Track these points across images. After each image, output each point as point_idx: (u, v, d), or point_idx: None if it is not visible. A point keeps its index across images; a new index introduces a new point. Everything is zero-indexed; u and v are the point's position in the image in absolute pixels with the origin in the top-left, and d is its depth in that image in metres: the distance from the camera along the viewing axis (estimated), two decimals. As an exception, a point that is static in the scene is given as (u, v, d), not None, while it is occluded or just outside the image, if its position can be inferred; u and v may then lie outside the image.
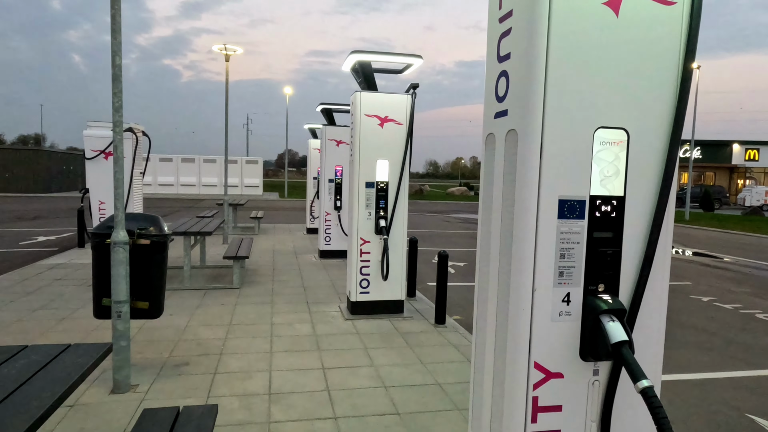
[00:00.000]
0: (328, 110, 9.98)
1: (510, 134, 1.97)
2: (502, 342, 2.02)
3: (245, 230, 14.08)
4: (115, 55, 3.56)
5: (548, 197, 1.85)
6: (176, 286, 7.15)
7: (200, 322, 5.59)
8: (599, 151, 1.90)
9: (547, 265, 1.87)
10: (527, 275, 1.87)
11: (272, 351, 4.76)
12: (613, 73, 1.87)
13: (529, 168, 1.85)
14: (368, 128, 5.82)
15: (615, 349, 1.79)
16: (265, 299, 6.68)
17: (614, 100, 1.88)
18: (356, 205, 5.91)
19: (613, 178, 1.92)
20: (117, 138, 3.65)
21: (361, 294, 6.00)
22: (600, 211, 1.91)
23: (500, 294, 2.04)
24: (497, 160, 2.08)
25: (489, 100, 2.16)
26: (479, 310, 2.25)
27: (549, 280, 1.88)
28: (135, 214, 3.99)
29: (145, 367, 4.27)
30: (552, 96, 1.82)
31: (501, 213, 2.04)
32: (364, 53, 5.66)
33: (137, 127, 11.07)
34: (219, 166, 32.63)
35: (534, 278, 1.87)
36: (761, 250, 14.63)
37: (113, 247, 3.64)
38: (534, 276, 1.87)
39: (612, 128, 1.89)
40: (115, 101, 3.60)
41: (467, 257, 11.25)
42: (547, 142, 1.83)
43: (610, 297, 1.91)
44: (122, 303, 3.69)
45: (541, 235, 1.86)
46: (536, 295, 1.88)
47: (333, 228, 10.05)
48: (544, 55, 1.81)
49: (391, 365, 4.51)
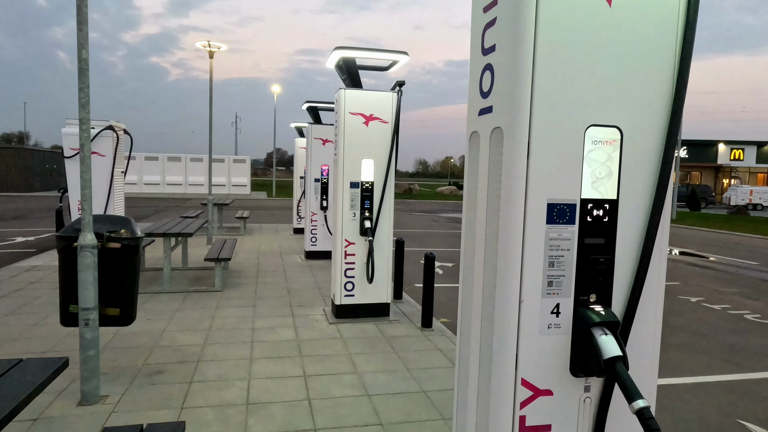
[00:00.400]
0: (314, 108, 9.80)
1: (495, 132, 1.83)
2: (487, 356, 1.87)
3: (230, 230, 13.84)
4: (81, 48, 3.36)
5: (536, 201, 1.71)
6: (156, 289, 6.94)
7: (179, 327, 5.39)
8: (591, 151, 1.76)
9: (534, 274, 1.73)
10: (514, 285, 1.73)
11: (252, 358, 4.59)
12: (606, 67, 1.73)
13: (516, 169, 1.70)
14: (353, 127, 5.66)
15: (608, 365, 1.65)
16: (247, 302, 6.49)
17: (607, 96, 1.74)
18: (340, 206, 5.75)
19: (605, 180, 1.78)
20: (84, 136, 3.45)
21: (345, 297, 5.84)
22: (591, 215, 1.77)
23: (485, 304, 1.90)
24: (482, 160, 1.93)
25: (473, 95, 2.01)
26: (463, 320, 2.11)
27: (537, 290, 1.74)
28: (105, 216, 3.80)
29: (117, 376, 4.08)
30: (540, 91, 1.68)
31: (486, 217, 1.90)
32: (347, 49, 5.50)
33: (118, 125, 10.79)
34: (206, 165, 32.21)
35: (521, 288, 1.73)
36: (747, 249, 14.70)
37: (80, 251, 3.45)
38: (521, 286, 1.73)
39: (604, 126, 1.76)
40: (81, 97, 3.41)
41: (455, 258, 11.14)
42: (535, 141, 1.69)
43: (603, 308, 1.77)
44: (90, 310, 3.50)
45: (528, 242, 1.72)
46: (523, 306, 1.74)
47: (319, 228, 9.88)
48: (532, 47, 1.67)
49: (375, 372, 4.36)
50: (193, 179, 32.95)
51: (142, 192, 31.74)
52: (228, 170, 33.59)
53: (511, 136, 1.71)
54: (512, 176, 1.71)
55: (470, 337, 2.01)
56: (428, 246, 12.81)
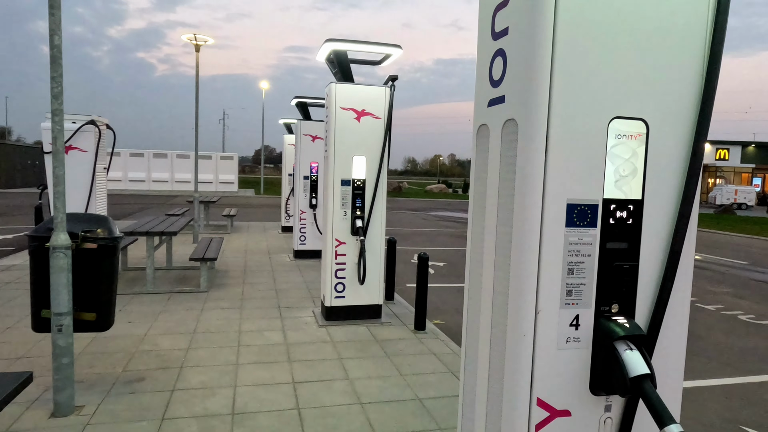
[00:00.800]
0: (303, 104, 9.58)
1: (508, 125, 1.65)
2: (498, 373, 1.70)
3: (217, 229, 13.56)
4: (54, 34, 3.12)
5: (555, 201, 1.54)
6: (138, 289, 6.68)
7: (161, 330, 5.16)
8: (614, 146, 1.59)
9: (552, 283, 1.56)
10: (529, 294, 1.56)
11: (238, 363, 4.38)
12: (631, 53, 1.56)
13: (533, 166, 1.53)
14: (344, 122, 5.46)
15: (635, 385, 1.49)
16: (234, 304, 6.27)
17: (632, 85, 1.57)
18: (331, 204, 5.55)
19: (629, 179, 1.61)
20: (56, 129, 3.22)
21: (336, 299, 5.65)
22: (614, 217, 1.60)
23: (496, 315, 1.72)
24: (492, 157, 1.75)
25: (481, 85, 1.83)
26: (469, 333, 1.93)
27: (555, 300, 1.57)
28: (80, 215, 3.57)
29: (94, 384, 3.85)
30: (560, 78, 1.50)
31: (497, 218, 1.72)
32: (339, 42, 5.30)
33: (100, 120, 10.46)
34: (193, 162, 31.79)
35: (537, 298, 1.56)
36: (734, 248, 14.76)
37: (52, 253, 3.21)
38: (537, 295, 1.56)
39: (629, 119, 1.59)
40: (53, 87, 3.17)
41: (447, 257, 10.99)
42: (554, 135, 1.51)
43: (627, 320, 1.61)
44: (63, 315, 3.27)
45: (546, 247, 1.54)
46: (540, 318, 1.56)
47: (308, 227, 9.66)
48: (551, 30, 1.49)
49: (367, 378, 4.17)
50: (179, 176, 32.44)
51: (127, 189, 31.19)
52: (215, 167, 33.14)
53: (527, 128, 1.54)
54: (528, 174, 1.54)
55: (478, 351, 1.83)
56: (418, 245, 12.66)
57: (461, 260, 10.72)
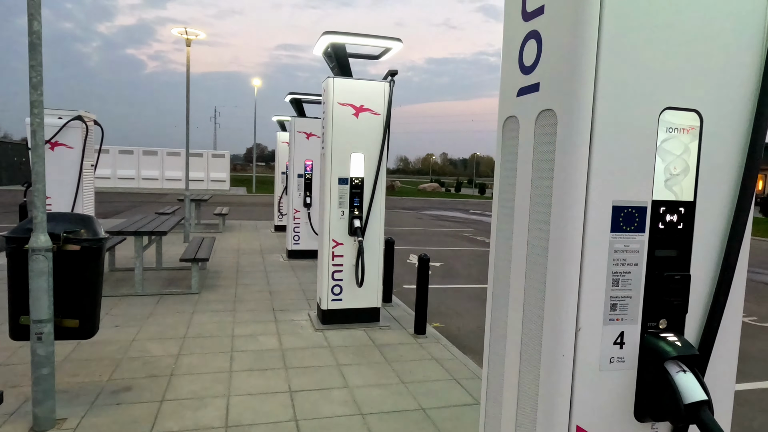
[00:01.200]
0: (297, 100, 9.35)
1: (544, 116, 1.46)
2: (530, 398, 1.51)
3: (209, 228, 13.29)
4: (33, 19, 2.89)
5: (599, 203, 1.35)
6: (126, 291, 6.43)
7: (150, 334, 4.93)
8: (665, 141, 1.41)
9: (595, 296, 1.37)
10: (569, 309, 1.37)
11: (232, 370, 4.16)
12: (686, 35, 1.37)
13: (575, 163, 1.34)
14: (342, 118, 5.25)
15: (690, 412, 1.30)
16: (226, 306, 6.04)
17: (685, 72, 1.39)
18: (328, 204, 5.35)
19: (681, 177, 1.43)
20: (36, 122, 2.98)
21: (333, 301, 5.44)
22: (664, 221, 1.42)
23: (527, 333, 1.53)
24: (523, 152, 1.56)
25: (509, 72, 1.64)
26: (493, 352, 1.74)
27: (598, 316, 1.38)
28: (62, 214, 3.34)
29: (77, 394, 3.62)
30: (607, 62, 1.31)
31: (528, 223, 1.53)
32: (337, 34, 5.09)
33: (88, 116, 10.16)
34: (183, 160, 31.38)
35: (578, 313, 1.37)
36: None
37: (31, 255, 2.98)
38: (578, 310, 1.37)
39: (682, 110, 1.40)
40: (32, 76, 2.94)
41: (444, 257, 10.82)
42: (599, 127, 1.32)
43: (677, 337, 1.42)
44: (44, 323, 3.04)
45: (588, 255, 1.35)
46: (581, 335, 1.38)
47: (302, 226, 9.44)
48: (598, 6, 1.30)
49: (367, 386, 3.98)
50: (169, 174, 32.00)
51: (116, 187, 30.71)
52: (206, 165, 32.74)
53: (568, 120, 1.35)
54: (569, 172, 1.35)
55: (504, 372, 1.64)
56: (414, 244, 12.48)
57: (458, 260, 10.55)
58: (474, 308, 6.87)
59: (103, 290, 6.45)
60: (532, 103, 1.51)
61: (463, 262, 10.38)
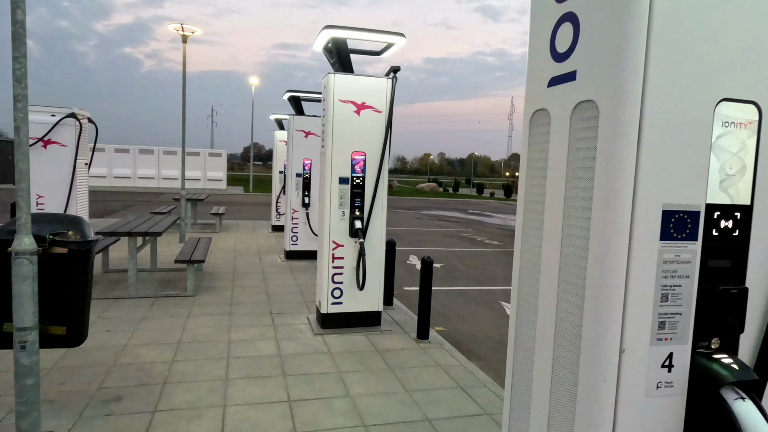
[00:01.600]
0: (296, 98, 9.17)
1: (581, 108, 1.29)
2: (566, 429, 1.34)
3: (205, 227, 13.09)
4: (17, 8, 2.71)
5: (648, 207, 1.18)
6: (120, 293, 6.25)
7: (143, 339, 4.75)
8: (720, 137, 1.24)
9: (642, 313, 1.21)
10: (613, 328, 1.20)
11: (228, 378, 3.99)
12: (745, 16, 1.21)
13: (620, 160, 1.17)
14: (343, 116, 5.08)
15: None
16: (223, 309, 5.86)
17: (743, 59, 1.22)
18: (328, 204, 5.17)
19: (737, 178, 1.26)
20: (20, 117, 2.80)
21: (333, 305, 5.27)
22: (718, 227, 1.25)
23: (562, 354, 1.36)
24: (555, 149, 1.40)
25: (538, 60, 1.47)
26: (517, 373, 1.57)
27: (644, 335, 1.22)
28: (49, 215, 3.16)
29: (65, 404, 3.44)
30: (658, 46, 1.14)
31: (562, 229, 1.36)
32: (338, 29, 4.92)
33: (81, 113, 9.95)
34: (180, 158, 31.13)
35: (623, 332, 1.20)
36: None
37: (15, 259, 2.79)
38: (623, 329, 1.20)
39: (739, 101, 1.24)
40: (16, 68, 2.75)
41: (445, 258, 10.65)
42: (649, 120, 1.16)
43: (733, 359, 1.26)
44: (28, 330, 2.85)
45: (635, 266, 1.19)
46: (625, 357, 1.21)
47: (301, 227, 9.26)
48: (648, -18, 1.13)
49: (370, 395, 3.81)
50: (166, 173, 31.75)
51: (112, 186, 30.44)
52: (203, 164, 32.49)
53: (613, 112, 1.18)
54: (614, 171, 1.18)
55: (532, 399, 1.47)
56: (414, 245, 12.31)
57: (459, 261, 10.39)
58: (477, 311, 6.71)
59: (96, 292, 6.26)
60: (566, 93, 1.34)
61: (464, 264, 10.22)
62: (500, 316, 6.56)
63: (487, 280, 8.82)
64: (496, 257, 11.28)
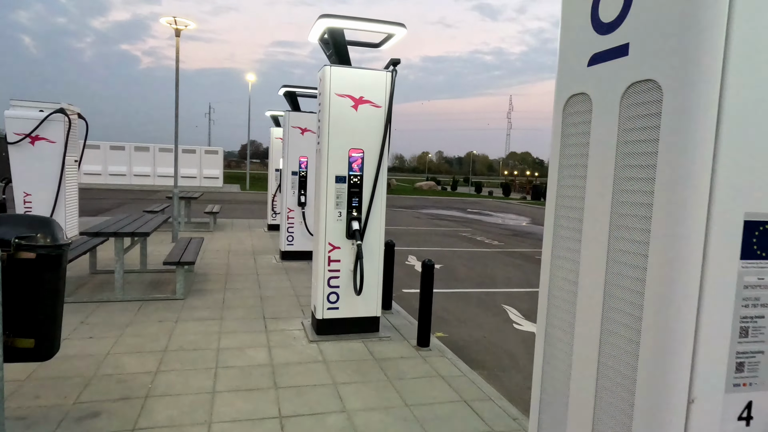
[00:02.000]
0: (292, 94, 8.88)
1: (636, 91, 1.02)
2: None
3: (199, 226, 12.80)
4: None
5: (726, 216, 0.92)
6: (106, 296, 5.97)
7: (127, 347, 4.47)
8: (815, 127, 0.97)
9: (716, 351, 0.94)
10: (678, 372, 0.94)
11: (215, 390, 3.72)
12: None
13: (692, 157, 0.90)
14: (339, 110, 4.81)
15: None
16: (213, 313, 5.59)
17: None
18: (324, 204, 4.90)
19: (833, 180, 1.00)
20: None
21: (329, 310, 5.00)
22: (809, 243, 0.99)
23: (609, 401, 1.09)
24: (597, 143, 1.13)
25: (575, 33, 1.20)
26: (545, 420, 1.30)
27: (719, 380, 0.95)
28: (18, 217, 2.88)
29: (36, 421, 3.17)
30: (741, 12, 0.88)
31: (608, 241, 1.09)
32: (335, 18, 4.64)
33: (71, 109, 9.66)
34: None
35: (692, 377, 0.94)
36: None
37: (-26, 265, 2.52)
38: (692, 373, 0.94)
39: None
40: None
41: (444, 258, 10.39)
42: (731, 106, 0.89)
43: (828, 409, 0.99)
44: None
45: (708, 293, 0.92)
46: (695, 408, 0.95)
47: (296, 226, 8.99)
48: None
49: (367, 410, 3.55)
50: (162, 170, 31.38)
51: (107, 183, 30.08)
52: (199, 162, 32.14)
53: (682, 95, 0.91)
54: (684, 170, 0.91)
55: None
56: (413, 245, 12.05)
57: (459, 262, 10.13)
58: (478, 315, 6.46)
59: (81, 295, 5.98)
60: (615, 72, 1.07)
61: (464, 264, 9.96)
62: (502, 320, 6.30)
63: (487, 281, 8.56)
64: (496, 258, 11.03)
